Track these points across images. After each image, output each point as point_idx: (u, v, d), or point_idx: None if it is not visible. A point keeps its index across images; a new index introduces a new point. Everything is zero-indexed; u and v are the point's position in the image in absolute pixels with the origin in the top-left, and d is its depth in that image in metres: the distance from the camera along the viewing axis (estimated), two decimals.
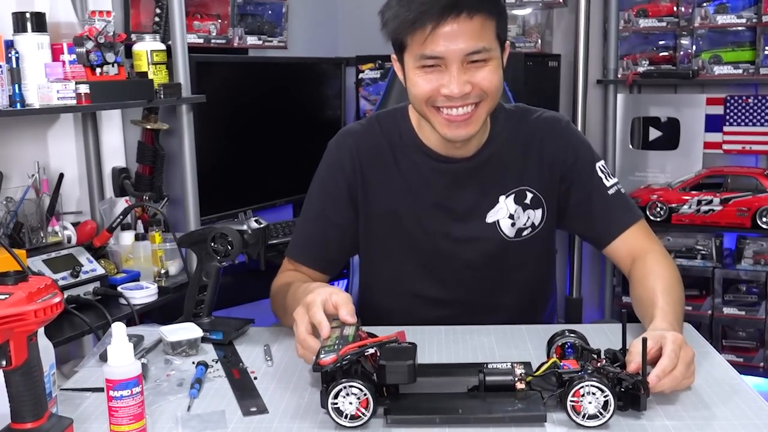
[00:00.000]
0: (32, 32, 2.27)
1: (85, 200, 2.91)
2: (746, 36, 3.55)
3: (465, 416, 1.39)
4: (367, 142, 1.93)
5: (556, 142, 1.89)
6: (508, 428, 1.38)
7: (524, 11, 3.90)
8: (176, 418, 1.48)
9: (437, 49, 1.64)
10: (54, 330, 2.15)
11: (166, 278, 2.66)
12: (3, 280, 1.22)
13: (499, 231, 1.90)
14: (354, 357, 1.39)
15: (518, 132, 1.90)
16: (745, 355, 3.61)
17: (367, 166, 1.92)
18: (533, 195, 1.89)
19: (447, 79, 1.66)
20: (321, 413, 1.44)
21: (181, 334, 1.81)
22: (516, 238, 1.91)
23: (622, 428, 1.39)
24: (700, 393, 1.52)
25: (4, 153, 2.57)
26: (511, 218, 1.89)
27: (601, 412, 1.36)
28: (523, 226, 1.91)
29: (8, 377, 1.23)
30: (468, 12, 1.62)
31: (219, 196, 3.19)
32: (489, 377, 1.45)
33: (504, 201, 1.88)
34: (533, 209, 1.90)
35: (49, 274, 2.33)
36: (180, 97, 2.68)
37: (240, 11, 3.49)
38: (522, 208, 1.89)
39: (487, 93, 1.70)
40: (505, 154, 1.89)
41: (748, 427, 1.38)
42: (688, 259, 3.68)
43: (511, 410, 1.39)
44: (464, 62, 1.66)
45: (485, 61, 1.68)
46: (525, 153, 1.89)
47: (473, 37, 1.64)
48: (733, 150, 3.71)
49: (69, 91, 2.27)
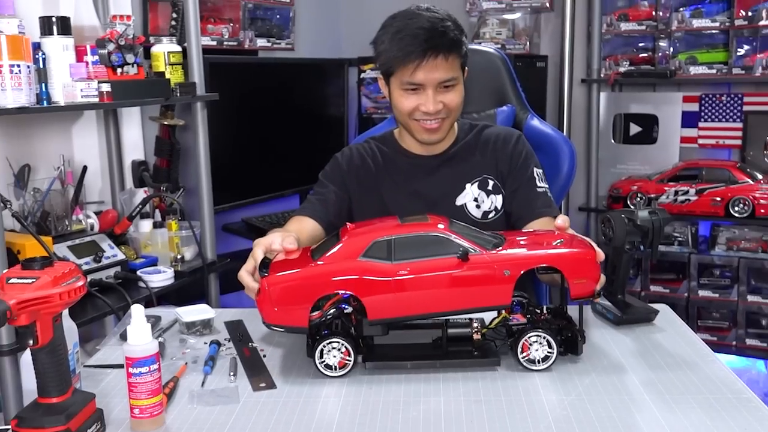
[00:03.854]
0: (58, 35, 2.27)
1: (106, 191, 2.92)
2: (720, 38, 3.54)
3: (432, 362, 1.55)
4: (361, 152, 2.18)
5: (508, 147, 2.14)
6: (468, 372, 1.54)
7: (514, 15, 3.89)
8: (191, 392, 1.48)
9: (418, 78, 1.94)
10: (78, 311, 2.15)
11: (181, 263, 2.67)
12: (30, 265, 1.22)
13: (466, 212, 2.10)
14: (336, 313, 1.57)
15: (478, 137, 2.17)
16: (719, 334, 3.61)
17: (362, 167, 2.16)
18: (493, 183, 2.12)
19: (424, 99, 1.97)
20: (325, 387, 1.49)
21: (196, 315, 1.81)
22: (483, 220, 2.10)
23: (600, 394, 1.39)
24: (677, 370, 1.53)
25: (32, 147, 2.57)
26: (475, 201, 2.11)
27: (547, 356, 1.53)
28: (488, 209, 2.12)
29: (35, 355, 1.24)
30: (444, 54, 1.92)
31: (231, 187, 3.18)
32: (450, 330, 1.59)
33: (470, 187, 2.12)
34: (495, 194, 2.12)
35: (74, 259, 2.33)
36: (195, 96, 2.67)
37: (250, 15, 3.48)
38: (486, 194, 2.12)
39: (452, 110, 2.02)
40: (467, 152, 2.15)
41: (720, 401, 1.39)
42: (666, 245, 3.68)
43: (469, 357, 1.56)
44: (437, 87, 1.96)
45: (453, 85, 1.99)
46: (483, 152, 2.15)
47: (446, 70, 1.95)
48: (708, 144, 3.71)
49: (92, 90, 2.27)
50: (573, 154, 2.38)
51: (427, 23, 1.91)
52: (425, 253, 1.50)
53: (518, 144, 2.14)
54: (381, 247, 1.50)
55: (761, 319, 3.60)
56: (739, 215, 3.39)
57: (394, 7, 2.03)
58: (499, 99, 2.48)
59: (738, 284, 3.56)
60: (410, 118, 2.01)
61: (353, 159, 2.16)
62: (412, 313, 1.52)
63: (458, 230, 1.55)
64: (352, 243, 1.52)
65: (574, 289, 1.52)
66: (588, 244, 1.56)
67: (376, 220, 1.68)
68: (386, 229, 1.54)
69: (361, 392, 1.46)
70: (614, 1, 3.75)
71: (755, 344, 3.57)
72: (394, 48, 1.92)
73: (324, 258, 1.52)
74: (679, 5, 3.58)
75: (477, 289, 1.50)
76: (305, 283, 1.50)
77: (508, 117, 2.43)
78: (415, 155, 2.14)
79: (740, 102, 3.62)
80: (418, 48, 1.89)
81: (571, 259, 1.51)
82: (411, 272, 1.48)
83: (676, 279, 3.72)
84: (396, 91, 2.00)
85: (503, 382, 1.49)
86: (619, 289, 1.83)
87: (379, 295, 1.49)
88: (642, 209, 1.79)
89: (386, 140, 2.20)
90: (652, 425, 1.31)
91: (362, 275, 1.49)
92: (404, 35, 1.91)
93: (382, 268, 1.49)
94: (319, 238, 2.03)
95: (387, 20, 1.99)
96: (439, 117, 1.99)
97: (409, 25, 1.91)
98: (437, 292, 1.50)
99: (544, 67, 3.86)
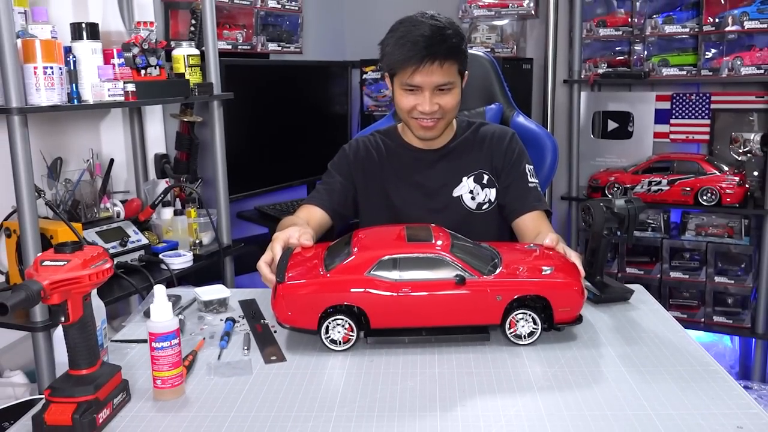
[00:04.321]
0: (87, 39, 2.25)
1: (131, 181, 2.91)
2: (689, 43, 3.52)
3: (427, 337, 1.55)
4: (368, 145, 2.18)
5: (503, 145, 2.13)
6: (460, 346, 1.54)
7: (502, 22, 3.87)
8: (208, 365, 1.48)
9: (416, 81, 1.94)
10: (105, 291, 2.16)
11: (200, 247, 2.66)
12: (62, 249, 1.22)
13: (462, 203, 2.11)
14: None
15: (475, 134, 2.16)
16: (689, 312, 3.61)
17: (367, 159, 2.15)
18: (488, 177, 2.12)
19: (422, 100, 1.97)
20: (330, 360, 1.49)
21: (213, 294, 1.81)
22: (477, 211, 2.11)
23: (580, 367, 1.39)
24: (650, 344, 1.53)
25: (64, 141, 2.57)
26: (471, 193, 2.11)
27: (532, 331, 1.53)
28: (482, 201, 2.11)
29: (66, 331, 1.23)
30: (440, 61, 1.91)
31: (245, 178, 3.17)
32: None
33: (466, 180, 2.11)
34: (489, 188, 2.12)
35: (101, 243, 2.33)
36: (212, 95, 2.66)
37: (263, 22, 3.46)
38: (480, 187, 2.11)
39: (447, 111, 2.00)
40: (465, 148, 2.14)
41: (690, 373, 1.39)
42: (640, 231, 3.67)
43: (461, 332, 1.55)
44: (434, 89, 1.95)
45: (449, 89, 1.97)
46: (480, 149, 2.14)
47: (442, 75, 1.93)
48: (679, 139, 3.70)
49: (118, 90, 2.26)
50: (555, 148, 2.38)
51: (428, 31, 1.90)
52: (427, 271, 1.51)
53: (512, 142, 2.14)
54: (387, 264, 1.51)
55: (727, 298, 3.60)
56: (707, 204, 3.39)
57: (395, 13, 2.03)
58: (487, 98, 2.48)
59: (706, 266, 3.55)
60: (409, 116, 2.02)
61: (359, 151, 2.16)
62: (410, 325, 1.53)
63: (458, 250, 1.55)
64: (361, 258, 1.53)
65: (558, 316, 1.53)
66: (575, 269, 1.57)
67: (383, 227, 1.71)
68: (392, 246, 1.54)
69: (363, 364, 1.46)
70: (593, 8, 3.73)
71: (722, 321, 3.56)
72: (397, 52, 1.93)
73: (334, 270, 1.52)
74: (652, 12, 3.57)
75: (471, 310, 1.52)
76: (316, 293, 1.51)
77: (495, 114, 2.43)
78: (416, 149, 2.14)
79: (708, 101, 3.61)
80: (417, 54, 1.89)
81: (558, 289, 1.52)
82: (413, 290, 1.49)
83: (649, 262, 3.71)
84: (398, 90, 2.00)
85: (493, 356, 1.49)
86: (597, 271, 1.82)
87: (382, 307, 1.50)
88: (619, 198, 1.79)
89: (390, 134, 2.20)
90: (628, 395, 1.31)
91: (368, 289, 1.50)
92: (406, 41, 1.91)
93: (387, 284, 1.50)
94: (326, 225, 2.07)
95: (395, 24, 1.99)
96: (435, 117, 1.99)
97: (412, 32, 1.91)
98: (435, 309, 1.51)
99: (530, 68, 3.84)
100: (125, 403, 1.32)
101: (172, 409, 1.31)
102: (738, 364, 3.71)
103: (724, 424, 1.20)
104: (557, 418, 1.23)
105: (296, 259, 1.61)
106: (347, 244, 1.61)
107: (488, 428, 1.21)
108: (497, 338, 1.55)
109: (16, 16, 2.10)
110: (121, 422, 1.26)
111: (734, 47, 3.37)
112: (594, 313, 1.72)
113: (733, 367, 3.67)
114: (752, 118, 3.55)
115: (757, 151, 3.52)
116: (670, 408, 1.26)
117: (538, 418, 1.24)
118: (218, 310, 1.80)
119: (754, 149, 3.53)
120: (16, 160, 1.97)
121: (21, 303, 1.12)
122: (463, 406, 1.28)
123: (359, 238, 1.61)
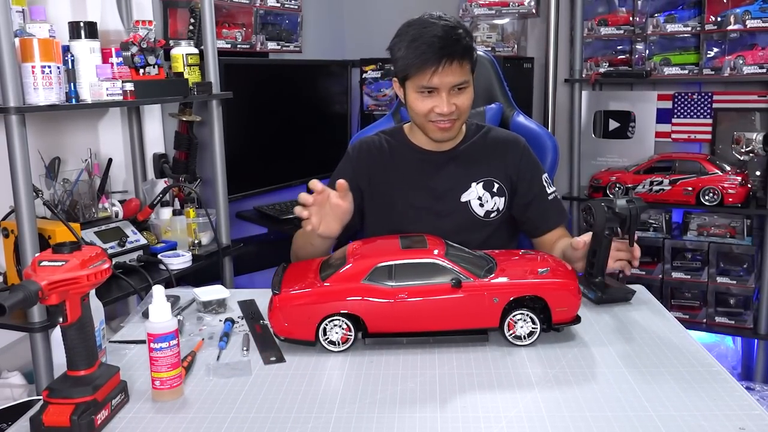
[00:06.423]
0: (85, 38, 2.25)
1: (130, 181, 2.91)
2: (691, 42, 3.52)
3: (425, 337, 1.54)
4: (372, 146, 2.15)
5: (516, 156, 2.11)
6: (460, 347, 1.54)
7: (503, 21, 3.87)
8: (208, 366, 1.48)
9: (434, 82, 1.90)
10: (103, 291, 2.15)
11: (198, 247, 2.66)
12: (60, 249, 1.22)
13: (470, 209, 2.08)
14: None
15: (485, 139, 2.13)
16: (690, 312, 3.61)
17: (372, 161, 2.13)
18: (499, 186, 2.09)
19: (439, 101, 1.93)
20: (329, 361, 1.49)
21: (212, 295, 1.81)
22: (485, 218, 2.08)
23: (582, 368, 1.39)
24: (652, 345, 1.53)
25: (62, 141, 2.57)
26: (479, 200, 2.08)
27: (532, 331, 1.52)
28: (491, 209, 2.08)
29: (65, 332, 1.23)
30: (458, 60, 1.89)
31: (244, 178, 3.18)
32: None
33: (475, 186, 2.08)
34: (499, 197, 2.09)
35: (100, 244, 2.32)
36: (211, 94, 2.66)
37: (262, 21, 3.46)
38: (490, 195, 2.08)
39: (463, 111, 1.98)
40: (474, 152, 2.11)
41: (692, 373, 1.39)
42: (642, 231, 3.67)
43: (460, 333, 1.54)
44: (451, 90, 1.92)
45: (465, 88, 1.95)
46: (490, 155, 2.11)
47: (458, 74, 1.91)
48: (680, 138, 3.70)
49: (116, 89, 2.26)
50: (556, 147, 2.38)
51: (441, 31, 1.88)
52: (422, 277, 1.51)
53: (525, 153, 2.12)
54: (383, 271, 1.51)
55: (729, 298, 3.60)
56: (708, 204, 3.39)
57: (395, 13, 2.03)
58: (487, 97, 2.47)
59: (708, 267, 3.55)
60: (426, 119, 1.98)
61: (363, 152, 2.14)
62: (408, 330, 1.53)
63: (453, 256, 1.56)
64: (357, 266, 1.53)
65: (556, 316, 1.53)
66: (570, 270, 1.58)
67: (378, 239, 1.70)
68: (388, 254, 1.54)
69: (362, 365, 1.46)
70: (595, 7, 3.73)
71: (724, 321, 3.56)
72: (411, 55, 1.89)
73: (331, 279, 1.53)
74: (654, 11, 3.57)
75: (468, 313, 1.52)
76: (312, 303, 1.51)
77: (495, 114, 2.42)
78: (424, 151, 2.11)
79: (710, 100, 3.61)
80: (434, 55, 1.86)
81: (554, 289, 1.52)
82: (409, 295, 1.49)
83: (651, 262, 3.71)
84: (412, 94, 1.96)
85: (493, 356, 1.49)
86: (599, 271, 1.82)
87: (379, 314, 1.50)
88: (620, 198, 1.79)
89: (396, 135, 2.17)
90: (629, 395, 1.31)
91: (365, 296, 1.50)
92: (420, 43, 1.88)
93: (383, 291, 1.50)
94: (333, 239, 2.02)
95: (402, 28, 1.96)
96: (452, 117, 1.95)
97: (425, 34, 1.88)
98: (432, 314, 1.51)
99: (531, 68, 3.84)
100: (124, 404, 1.32)
101: (171, 410, 1.31)
102: (740, 365, 3.71)
103: (726, 425, 1.20)
104: (558, 418, 1.23)
105: (292, 272, 1.62)
106: (342, 255, 1.61)
107: (488, 429, 1.21)
108: (497, 339, 1.55)
109: (14, 14, 2.09)
110: (119, 423, 1.26)
111: (736, 46, 3.37)
112: (595, 314, 1.72)
113: (735, 368, 3.67)
114: (754, 117, 3.55)
115: (759, 150, 3.52)
116: (672, 409, 1.26)
117: (538, 418, 1.24)
118: (217, 311, 1.80)
119: (757, 149, 3.53)
120: (14, 160, 1.97)
121: (19, 303, 1.12)
122: (464, 407, 1.28)
123: (354, 249, 1.62)
